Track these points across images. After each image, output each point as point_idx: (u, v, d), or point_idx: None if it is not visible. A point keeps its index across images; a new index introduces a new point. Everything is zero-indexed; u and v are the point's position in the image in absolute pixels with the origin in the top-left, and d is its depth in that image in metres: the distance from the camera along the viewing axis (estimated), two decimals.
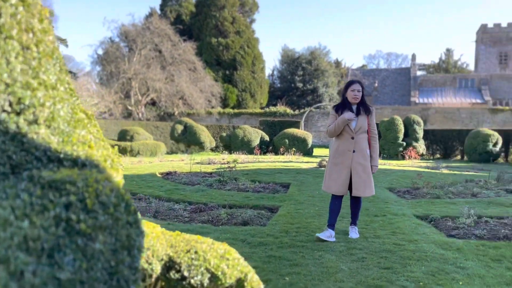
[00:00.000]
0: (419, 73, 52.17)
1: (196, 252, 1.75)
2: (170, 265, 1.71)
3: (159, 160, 15.06)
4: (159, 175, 10.15)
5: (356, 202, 4.70)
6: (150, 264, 1.66)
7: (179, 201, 6.68)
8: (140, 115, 29.10)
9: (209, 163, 13.41)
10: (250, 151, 20.77)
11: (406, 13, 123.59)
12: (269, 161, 15.34)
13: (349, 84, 4.71)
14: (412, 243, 4.31)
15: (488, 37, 51.18)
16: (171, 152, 21.88)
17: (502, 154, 19.54)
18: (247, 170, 11.04)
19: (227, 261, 1.79)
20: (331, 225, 4.51)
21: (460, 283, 3.23)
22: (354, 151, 4.53)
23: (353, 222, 4.70)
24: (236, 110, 33.44)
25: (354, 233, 4.59)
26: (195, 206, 6.16)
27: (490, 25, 51.55)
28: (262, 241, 4.28)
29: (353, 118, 4.54)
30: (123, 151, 16.35)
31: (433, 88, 45.74)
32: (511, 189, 8.29)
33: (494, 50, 50.87)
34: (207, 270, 1.72)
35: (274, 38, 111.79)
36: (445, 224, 5.28)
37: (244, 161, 14.80)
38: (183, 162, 13.79)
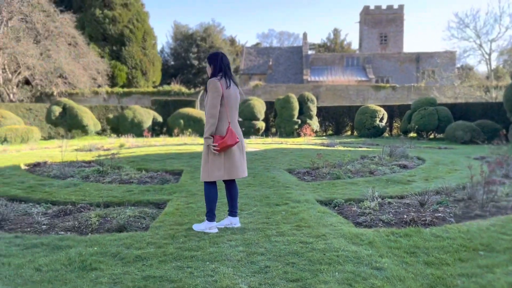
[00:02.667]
0: (310, 52, 53.91)
1: None
2: None
3: (29, 148, 12.92)
4: (24, 167, 8.45)
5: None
6: None
7: (40, 202, 5.35)
8: (11, 96, 25.17)
9: (90, 150, 11.78)
10: (141, 134, 19.21)
11: None
12: (161, 144, 14.16)
13: None
14: (320, 240, 3.71)
15: (370, 18, 54.59)
16: (48, 137, 19.29)
17: (387, 128, 20.74)
18: (134, 157, 9.80)
19: None
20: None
21: None
22: None
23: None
24: (126, 89, 30.91)
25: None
26: (60, 208, 4.92)
27: (372, 7, 54.99)
28: (139, 255, 3.33)
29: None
30: None
31: (324, 67, 47.58)
32: (404, 164, 8.37)
33: (375, 31, 54.49)
34: None
35: (164, 13, 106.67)
36: (350, 210, 4.83)
37: (133, 145, 13.42)
38: (60, 150, 11.94)
